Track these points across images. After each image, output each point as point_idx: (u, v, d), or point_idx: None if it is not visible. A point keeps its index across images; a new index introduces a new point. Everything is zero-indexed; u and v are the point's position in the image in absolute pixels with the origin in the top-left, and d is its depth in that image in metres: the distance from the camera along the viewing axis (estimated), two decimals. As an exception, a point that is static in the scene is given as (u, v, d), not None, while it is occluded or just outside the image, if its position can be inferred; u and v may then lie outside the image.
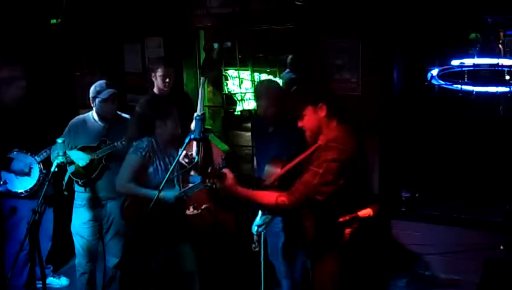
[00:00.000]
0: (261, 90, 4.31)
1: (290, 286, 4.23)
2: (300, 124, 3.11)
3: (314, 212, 3.03)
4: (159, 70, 4.70)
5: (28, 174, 4.51)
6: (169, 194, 3.77)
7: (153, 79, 4.75)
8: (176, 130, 3.91)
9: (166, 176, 3.48)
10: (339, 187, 2.91)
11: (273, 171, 3.48)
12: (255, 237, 3.90)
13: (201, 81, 4.69)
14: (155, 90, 4.83)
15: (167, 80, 4.68)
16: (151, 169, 3.84)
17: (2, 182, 4.45)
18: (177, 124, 3.91)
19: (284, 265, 4.21)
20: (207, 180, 3.17)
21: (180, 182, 4.02)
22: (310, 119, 3.07)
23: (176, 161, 3.64)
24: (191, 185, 3.92)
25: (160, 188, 3.45)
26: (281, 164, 3.44)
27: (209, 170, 3.17)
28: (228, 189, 3.09)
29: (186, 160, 4.35)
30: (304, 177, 2.93)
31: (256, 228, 3.90)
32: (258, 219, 3.85)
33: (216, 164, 4.03)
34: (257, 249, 3.91)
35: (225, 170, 3.10)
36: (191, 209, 4.23)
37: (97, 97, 4.22)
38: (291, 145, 3.53)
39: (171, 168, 3.58)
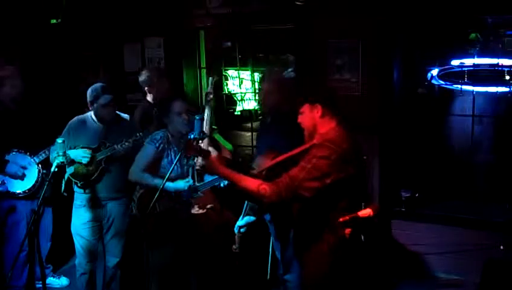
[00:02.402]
0: (266, 74, 4.30)
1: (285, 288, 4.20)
2: (299, 119, 3.14)
3: (301, 202, 3.02)
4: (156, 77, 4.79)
5: (21, 178, 4.51)
6: (180, 183, 3.79)
7: (148, 92, 4.85)
8: (183, 127, 3.95)
9: (168, 173, 3.48)
10: (325, 185, 2.89)
11: (264, 161, 3.42)
12: (237, 239, 3.89)
13: (209, 81, 4.70)
14: (149, 98, 4.91)
15: (162, 87, 4.79)
16: (165, 161, 3.88)
17: (0, 182, 4.46)
18: (185, 123, 3.93)
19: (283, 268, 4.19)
20: (187, 152, 3.07)
21: (196, 179, 4.04)
22: (306, 117, 3.10)
23: (176, 160, 3.65)
24: (205, 182, 3.95)
25: (164, 181, 3.45)
26: (272, 155, 3.39)
27: (191, 142, 3.08)
28: (211, 167, 3.03)
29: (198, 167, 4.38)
30: (291, 171, 2.92)
31: (238, 229, 3.89)
32: (241, 220, 3.83)
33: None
34: (237, 251, 3.88)
35: (210, 148, 3.06)
36: (196, 208, 4.23)
37: (95, 102, 4.22)
38: (288, 137, 3.50)
39: (172, 166, 3.58)
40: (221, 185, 3.98)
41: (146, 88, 4.96)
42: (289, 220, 3.24)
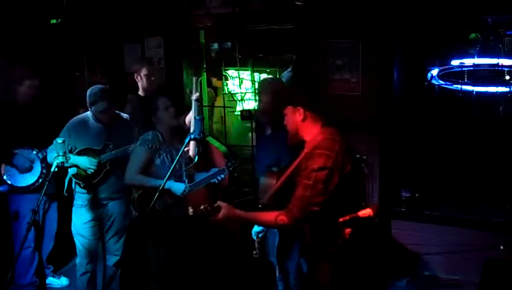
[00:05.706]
0: (264, 85, 4.30)
1: (284, 288, 4.19)
2: (285, 122, 3.15)
3: (310, 218, 3.04)
4: (144, 69, 4.76)
5: (29, 169, 4.54)
6: (179, 187, 3.79)
7: (137, 80, 4.83)
8: (174, 121, 3.94)
9: (169, 172, 3.47)
10: (329, 194, 2.91)
11: (268, 184, 3.46)
12: (256, 244, 3.89)
13: (193, 81, 4.67)
14: (140, 92, 4.90)
15: (152, 78, 4.75)
16: (158, 161, 3.87)
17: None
18: (174, 116, 3.93)
19: (278, 267, 4.18)
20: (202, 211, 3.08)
21: (187, 179, 4.04)
22: (289, 119, 3.11)
23: (177, 158, 3.64)
24: (199, 179, 3.95)
25: (165, 180, 3.45)
26: (275, 176, 3.43)
27: (202, 208, 3.08)
28: (228, 218, 3.03)
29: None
30: (297, 192, 2.94)
31: (256, 235, 3.90)
32: (257, 226, 3.84)
33: (221, 166, 4.06)
34: (257, 256, 3.89)
35: (218, 202, 3.05)
36: (191, 210, 4.23)
37: (92, 106, 4.23)
38: (294, 149, 3.50)
39: (173, 164, 3.57)
40: (216, 180, 4.00)
41: (138, 75, 4.90)
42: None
